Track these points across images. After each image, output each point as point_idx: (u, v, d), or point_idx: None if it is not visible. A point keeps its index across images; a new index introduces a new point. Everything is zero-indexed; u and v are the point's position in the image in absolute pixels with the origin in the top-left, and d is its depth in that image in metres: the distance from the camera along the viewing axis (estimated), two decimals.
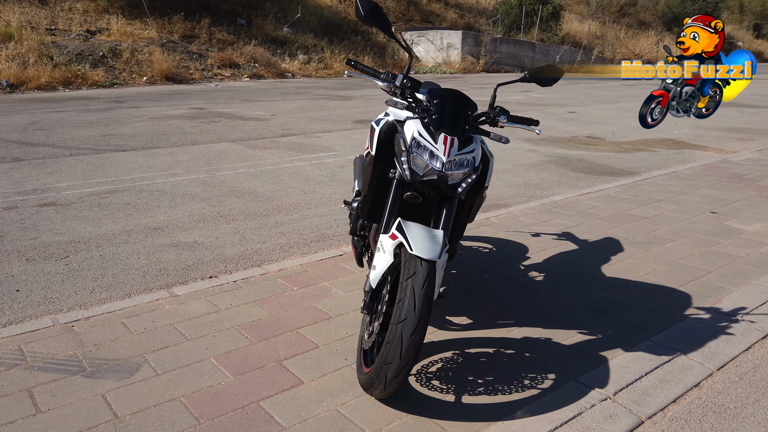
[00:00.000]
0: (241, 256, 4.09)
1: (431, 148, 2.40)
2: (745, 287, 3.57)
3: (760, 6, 44.53)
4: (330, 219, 4.94)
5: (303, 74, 20.65)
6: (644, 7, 36.95)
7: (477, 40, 24.49)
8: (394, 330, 2.16)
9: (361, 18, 2.59)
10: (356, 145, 8.15)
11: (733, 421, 2.35)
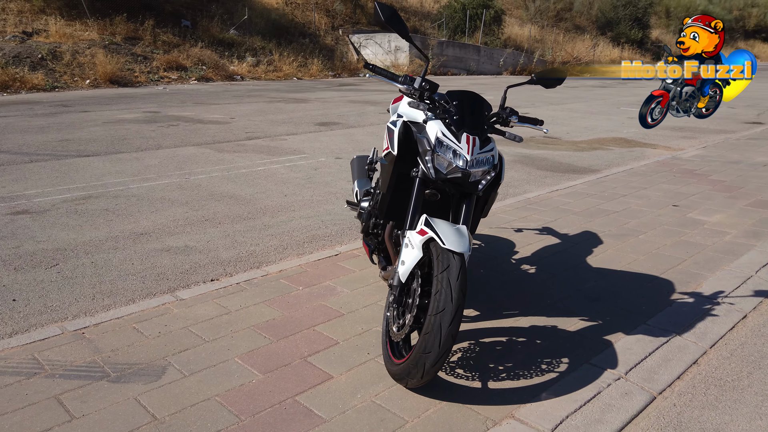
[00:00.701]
0: (237, 259, 4.10)
1: (455, 147, 2.52)
2: (719, 273, 3.87)
3: (684, 12, 47.09)
4: (317, 220, 4.99)
5: (252, 77, 20.42)
6: (579, 12, 38.40)
7: (424, 44, 24.87)
8: (433, 321, 2.27)
9: (380, 23, 2.68)
10: (324, 147, 8.20)
11: (733, 392, 2.59)
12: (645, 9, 39.02)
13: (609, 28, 37.82)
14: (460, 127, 2.56)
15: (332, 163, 7.19)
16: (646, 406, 2.47)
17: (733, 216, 5.15)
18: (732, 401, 2.53)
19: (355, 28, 26.48)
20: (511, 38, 30.45)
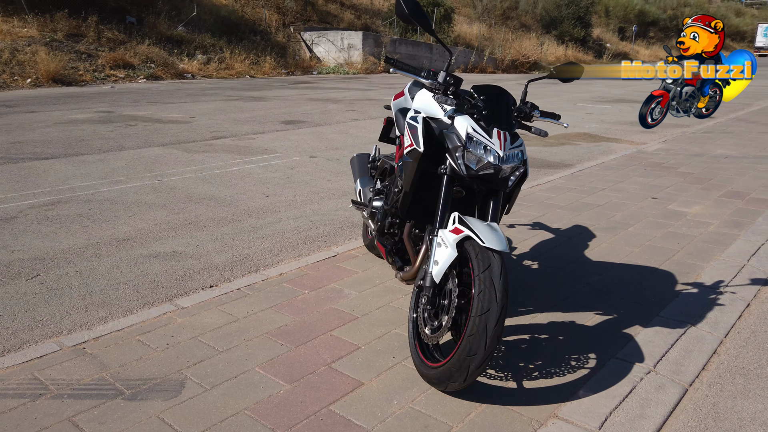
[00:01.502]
0: (232, 263, 3.93)
1: (486, 142, 2.46)
2: (714, 263, 3.97)
3: (622, 11, 48.82)
4: (306, 221, 4.85)
5: (204, 75, 19.88)
6: (524, 11, 39.21)
7: (377, 41, 24.83)
8: (477, 322, 2.21)
9: (404, 16, 2.59)
10: (295, 146, 8.02)
11: (759, 381, 2.63)
12: (586, 8, 40.16)
13: (553, 26, 38.79)
14: (489, 122, 2.50)
15: (308, 162, 7.04)
16: (680, 398, 2.48)
17: (710, 207, 5.32)
18: (760, 389, 2.57)
19: (306, 26, 26.18)
20: (461, 36, 30.75)
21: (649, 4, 51.50)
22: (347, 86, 17.79)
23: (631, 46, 45.25)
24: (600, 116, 12.05)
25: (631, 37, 46.29)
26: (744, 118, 11.83)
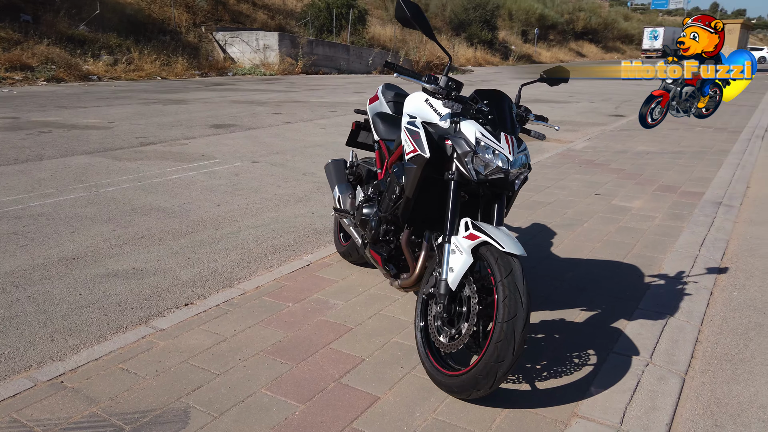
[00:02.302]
0: (202, 278, 3.71)
1: (495, 147, 2.46)
2: (670, 254, 4.21)
3: (524, 15, 51.04)
4: (266, 230, 4.67)
5: (111, 77, 18.80)
6: (434, 13, 40.09)
7: (294, 42, 24.50)
8: (506, 328, 2.20)
9: (405, 19, 2.55)
10: (233, 151, 7.73)
11: (744, 365, 2.81)
12: (492, 12, 41.69)
13: (462, 29, 39.94)
14: (496, 127, 2.51)
15: (251, 168, 6.80)
16: (681, 387, 2.60)
17: (650, 201, 5.64)
18: (747, 373, 2.74)
19: (219, 25, 25.37)
20: (375, 38, 30.97)
21: (548, 9, 54.17)
22: (268, 88, 17.42)
23: (534, 48, 47.45)
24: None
25: (534, 39, 48.56)
26: None
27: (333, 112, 12.05)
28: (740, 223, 5.07)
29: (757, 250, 4.41)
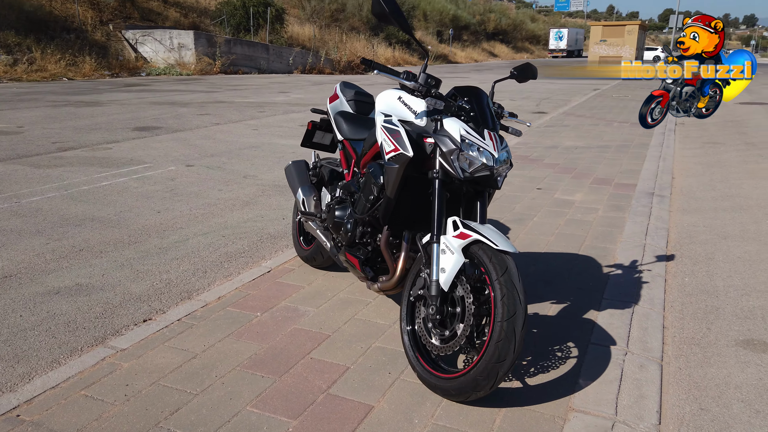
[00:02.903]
0: (156, 291, 3.46)
1: (479, 144, 2.43)
2: (620, 244, 4.36)
3: (438, 15, 52.05)
4: (216, 236, 4.44)
5: (11, 78, 17.46)
6: (352, 13, 40.07)
7: (211, 41, 23.72)
8: (506, 327, 2.17)
9: (383, 15, 2.46)
10: (164, 155, 7.34)
11: (711, 348, 2.93)
12: (408, 12, 42.26)
13: (380, 29, 40.14)
14: (479, 124, 2.48)
15: (187, 172, 6.47)
16: (661, 374, 2.68)
17: (589, 194, 5.85)
18: (716, 356, 2.87)
19: (128, 23, 24.15)
20: (294, 37, 30.56)
21: (461, 10, 55.57)
22: (187, 88, 16.74)
23: (449, 49, 48.50)
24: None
25: (448, 39, 49.63)
26: (571, 113, 13.24)
27: (262, 113, 11.73)
28: (674, 212, 5.35)
29: (696, 237, 4.67)
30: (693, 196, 5.99)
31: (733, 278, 3.83)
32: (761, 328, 3.14)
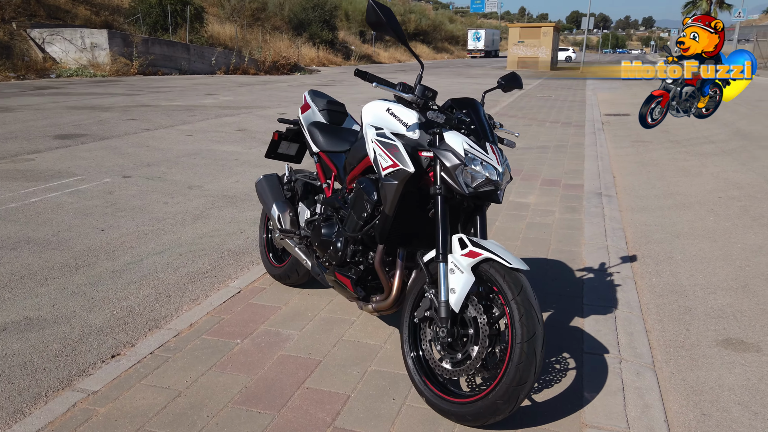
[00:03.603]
0: (119, 322, 3.17)
1: (483, 158, 2.35)
2: (585, 247, 4.43)
3: (360, 16, 52.03)
4: (172, 255, 4.15)
5: None
6: (273, 12, 39.31)
7: (127, 41, 22.54)
8: (526, 348, 2.10)
9: (379, 24, 2.34)
10: (94, 166, 6.83)
11: (695, 350, 3.01)
12: (331, 12, 41.95)
13: (303, 29, 39.64)
14: (479, 138, 2.41)
15: (125, 184, 6.04)
16: (657, 380, 2.71)
17: (542, 195, 5.95)
18: (703, 358, 2.94)
19: (33, 22, 22.52)
20: (215, 36, 29.58)
21: None
22: (105, 91, 15.79)
23: (372, 49, 48.64)
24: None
25: (371, 40, 49.77)
26: (504, 113, 13.54)
27: (193, 117, 11.23)
28: (624, 212, 5.53)
29: (651, 236, 4.83)
30: (637, 195, 6.23)
31: (695, 277, 3.97)
32: (735, 327, 3.26)
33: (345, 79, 24.24)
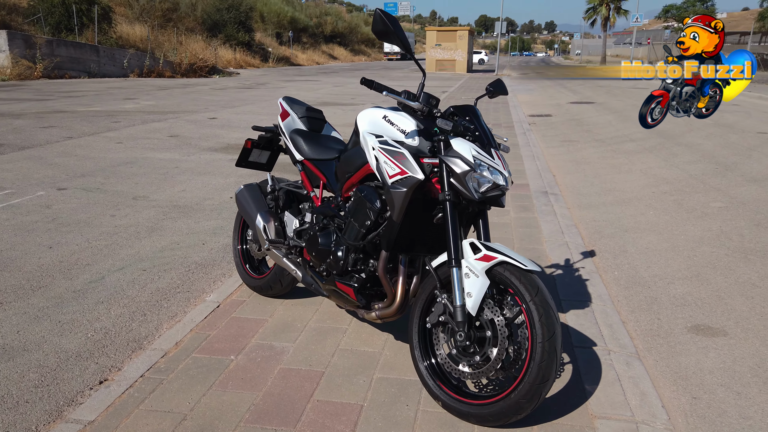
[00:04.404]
0: (97, 345, 2.97)
1: (490, 163, 2.41)
2: (547, 244, 4.61)
3: (276, 17, 51.37)
4: (135, 271, 3.94)
5: None
6: (185, 13, 37.99)
7: (29, 42, 21.08)
8: (548, 347, 2.17)
9: (384, 32, 2.35)
10: (23, 178, 6.34)
11: (671, 337, 3.21)
12: (247, 13, 41.10)
13: (218, 30, 38.57)
14: (484, 144, 2.46)
15: (62, 197, 5.65)
16: (645, 369, 2.87)
17: None
18: (681, 344, 3.14)
19: None
20: (124, 38, 28.16)
21: (298, 12, 55.38)
22: (11, 96, 14.70)
23: (290, 51, 48.11)
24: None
25: (288, 42, 49.19)
26: None
27: (117, 123, 10.66)
28: (572, 209, 5.80)
29: (602, 231, 5.10)
30: (579, 192, 6.55)
31: (652, 268, 4.24)
32: (699, 314, 3.50)
33: (268, 82, 23.85)
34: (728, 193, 6.34)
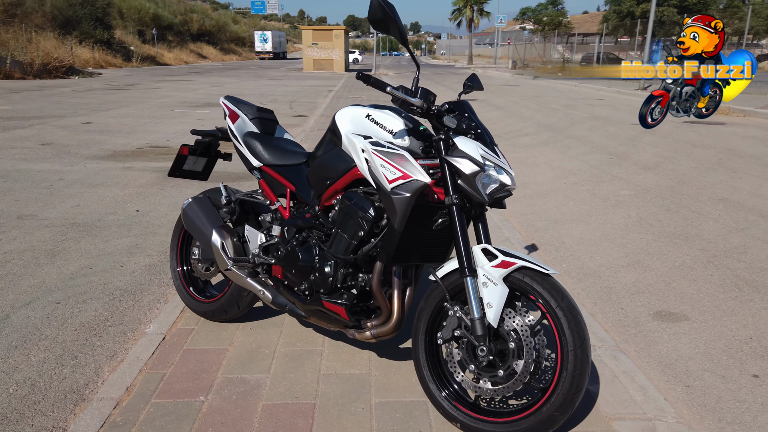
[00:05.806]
0: (27, 402, 2.43)
1: (497, 162, 2.25)
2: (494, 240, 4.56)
3: (136, 14, 48.13)
4: (47, 305, 3.33)
5: None
6: (32, 8, 34.33)
7: None
8: (580, 355, 2.04)
9: (381, 21, 2.11)
10: None
11: (640, 327, 3.25)
12: (104, 9, 38.07)
13: (72, 27, 35.32)
14: (486, 142, 2.30)
15: None
16: (631, 361, 2.87)
17: None
18: (652, 333, 3.18)
19: None
20: None
21: (161, 9, 52.26)
22: None
23: (155, 50, 45.28)
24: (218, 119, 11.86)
25: (153, 40, 46.25)
26: (329, 115, 13.52)
27: None
28: None
29: (534, 224, 5.17)
30: None
31: (594, 258, 4.33)
32: (655, 300, 3.60)
33: (138, 83, 22.18)
34: (630, 181, 6.74)
